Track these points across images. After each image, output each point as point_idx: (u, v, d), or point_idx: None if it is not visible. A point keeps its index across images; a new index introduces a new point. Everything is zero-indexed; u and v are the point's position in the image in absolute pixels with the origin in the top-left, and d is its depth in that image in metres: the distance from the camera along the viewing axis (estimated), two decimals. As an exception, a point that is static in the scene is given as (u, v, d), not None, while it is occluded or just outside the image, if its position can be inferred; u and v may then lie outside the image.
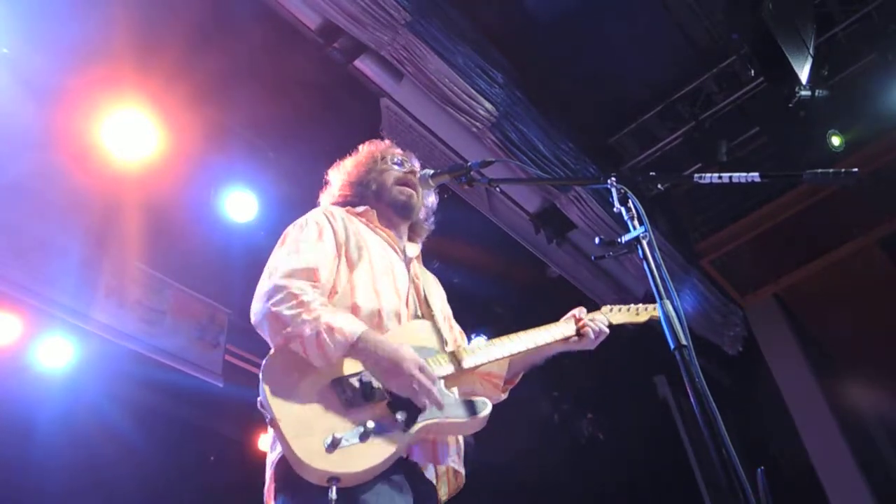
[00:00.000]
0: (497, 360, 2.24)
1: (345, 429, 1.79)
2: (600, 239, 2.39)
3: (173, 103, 4.31)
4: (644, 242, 1.95)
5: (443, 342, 2.17)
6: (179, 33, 4.01)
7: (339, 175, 2.57)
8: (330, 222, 2.23)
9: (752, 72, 6.00)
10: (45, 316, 4.63)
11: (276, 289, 1.96)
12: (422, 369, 1.91)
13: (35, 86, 4.04)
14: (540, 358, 2.44)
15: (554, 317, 2.51)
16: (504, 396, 2.41)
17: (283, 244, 2.16)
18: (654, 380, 8.16)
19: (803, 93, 5.58)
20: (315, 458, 1.72)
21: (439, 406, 1.93)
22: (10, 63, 3.89)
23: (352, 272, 2.15)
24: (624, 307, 2.68)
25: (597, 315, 2.54)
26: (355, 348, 1.90)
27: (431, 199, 2.59)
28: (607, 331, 2.50)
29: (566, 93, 6.13)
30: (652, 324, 2.65)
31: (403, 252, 2.41)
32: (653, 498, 7.59)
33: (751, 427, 7.45)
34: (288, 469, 1.81)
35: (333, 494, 1.70)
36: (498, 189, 2.56)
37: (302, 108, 4.70)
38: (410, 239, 2.53)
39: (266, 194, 4.92)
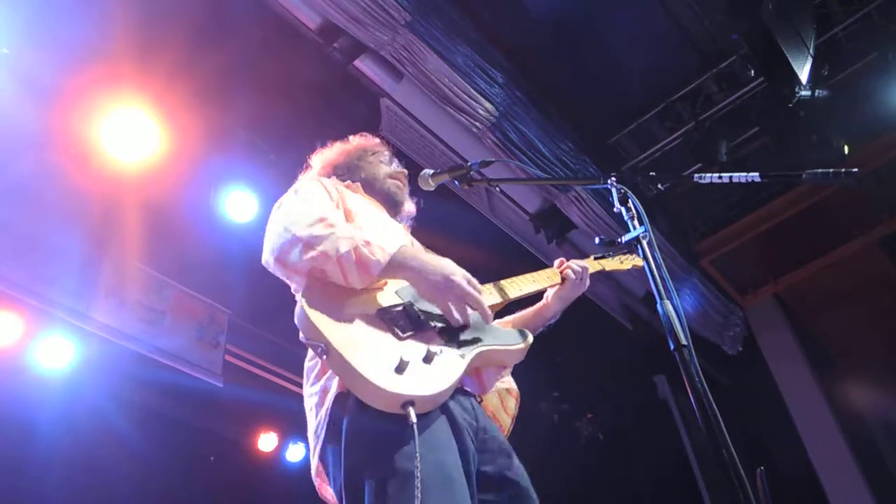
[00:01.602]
0: (537, 291, 2.29)
1: (408, 352, 1.68)
2: (600, 239, 2.40)
3: (173, 103, 4.31)
4: (644, 242, 1.95)
5: None
6: (180, 33, 4.00)
7: (326, 155, 2.52)
8: (321, 183, 2.17)
9: (752, 72, 6.00)
10: (45, 316, 4.63)
11: (300, 218, 1.85)
12: (469, 281, 1.85)
13: (35, 86, 4.03)
14: (542, 321, 2.41)
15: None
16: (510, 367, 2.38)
17: (281, 207, 2.03)
18: (654, 380, 8.17)
19: (803, 93, 5.59)
20: (389, 382, 1.61)
21: (489, 318, 1.89)
22: (10, 63, 3.88)
23: (359, 224, 2.08)
24: (614, 257, 2.69)
25: (580, 262, 2.51)
26: (396, 261, 1.80)
27: (412, 208, 2.52)
28: (585, 265, 2.46)
29: (566, 93, 6.13)
30: (633, 272, 2.69)
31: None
32: (653, 498, 7.59)
33: (751, 427, 7.46)
34: (349, 405, 1.70)
35: (413, 417, 1.58)
36: (498, 189, 2.56)
37: (302, 109, 4.70)
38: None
39: (266, 194, 4.92)
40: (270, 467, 6.68)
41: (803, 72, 5.32)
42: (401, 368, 1.64)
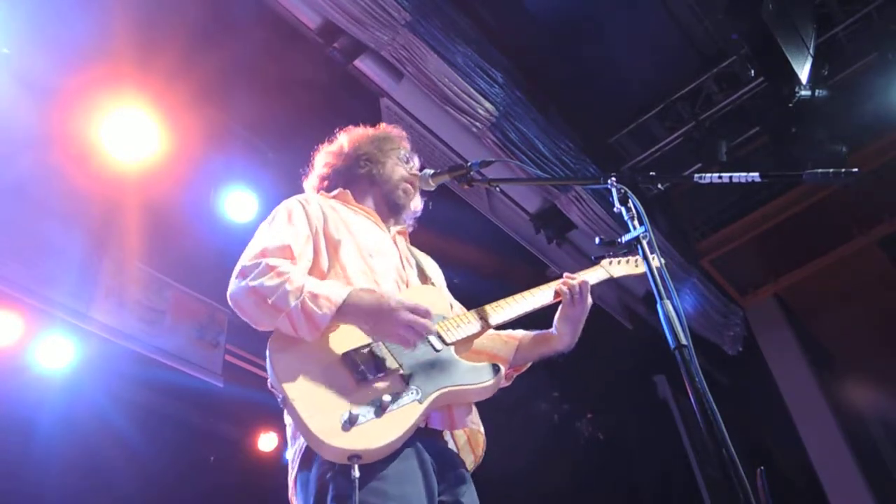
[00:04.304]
0: (521, 315, 2.22)
1: (360, 404, 1.74)
2: (600, 239, 2.39)
3: (173, 103, 4.31)
4: (644, 242, 1.95)
5: (450, 308, 2.17)
6: (180, 33, 4.00)
7: (348, 137, 2.53)
8: (303, 206, 2.20)
9: (752, 72, 6.00)
10: (45, 316, 4.62)
11: (252, 265, 1.92)
12: (413, 310, 1.85)
13: (35, 86, 4.03)
14: (549, 349, 2.35)
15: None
16: (507, 383, 2.34)
17: (256, 236, 2.14)
18: (654, 380, 8.17)
19: (803, 93, 5.59)
20: (334, 437, 1.68)
21: (435, 334, 1.91)
22: (10, 63, 3.88)
23: (337, 252, 2.11)
24: (623, 259, 2.61)
25: (581, 274, 2.44)
26: (344, 312, 1.84)
27: (419, 206, 2.53)
28: (584, 279, 2.37)
29: (566, 93, 6.13)
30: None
31: (387, 228, 2.39)
32: (653, 498, 7.59)
33: (751, 427, 7.46)
34: (310, 449, 1.79)
35: (356, 472, 1.65)
36: (498, 189, 2.56)
37: (302, 108, 4.70)
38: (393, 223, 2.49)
39: (266, 194, 4.92)
40: (270, 467, 6.67)
41: (803, 72, 5.32)
42: (350, 422, 1.70)
